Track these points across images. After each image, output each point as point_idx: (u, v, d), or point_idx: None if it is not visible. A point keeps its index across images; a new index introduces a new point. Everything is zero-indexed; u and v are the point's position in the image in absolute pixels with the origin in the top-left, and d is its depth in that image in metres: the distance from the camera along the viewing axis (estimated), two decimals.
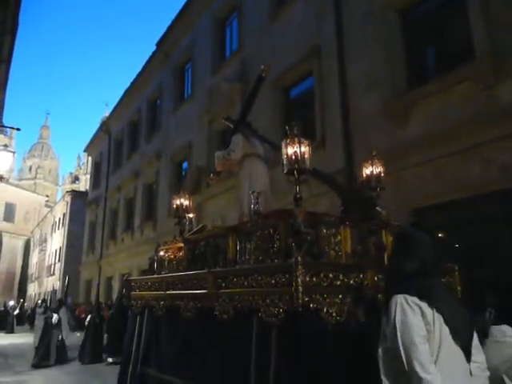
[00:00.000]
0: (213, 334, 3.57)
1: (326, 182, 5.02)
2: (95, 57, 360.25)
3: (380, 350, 1.99)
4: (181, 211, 5.10)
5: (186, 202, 5.17)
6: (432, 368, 1.80)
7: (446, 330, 1.88)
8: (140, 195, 17.94)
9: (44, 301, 17.16)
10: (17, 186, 51.33)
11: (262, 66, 5.36)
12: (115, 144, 22.37)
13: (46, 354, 10.23)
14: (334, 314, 2.79)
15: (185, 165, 14.72)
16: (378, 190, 4.28)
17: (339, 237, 3.41)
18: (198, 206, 11.98)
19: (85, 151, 29.47)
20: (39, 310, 14.29)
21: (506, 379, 2.12)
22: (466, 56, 6.11)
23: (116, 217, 20.94)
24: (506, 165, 5.37)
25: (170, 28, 15.67)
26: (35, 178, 69.25)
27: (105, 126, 23.84)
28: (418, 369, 1.78)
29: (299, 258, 2.80)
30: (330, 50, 8.53)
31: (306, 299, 2.74)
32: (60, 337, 10.88)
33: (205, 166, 12.06)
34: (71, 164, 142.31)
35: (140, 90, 19.06)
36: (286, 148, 3.49)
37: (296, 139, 3.48)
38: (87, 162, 52.50)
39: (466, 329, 1.95)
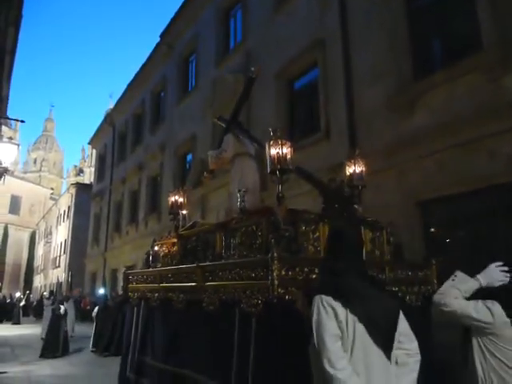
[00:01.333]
0: (201, 324, 3.82)
1: (308, 179, 5.16)
2: (99, 49, 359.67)
3: (310, 346, 2.14)
4: (175, 208, 5.33)
5: (180, 199, 5.44)
6: (340, 364, 1.94)
7: (360, 327, 2.00)
8: (144, 188, 17.98)
9: (52, 293, 17.32)
10: (22, 178, 51.57)
11: (253, 68, 5.68)
12: (119, 136, 22.39)
13: (55, 345, 10.44)
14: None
15: (189, 157, 14.73)
16: (360, 188, 4.51)
17: (318, 233, 3.62)
18: (203, 198, 12.01)
19: (89, 144, 29.49)
20: (47, 302, 14.45)
21: (484, 350, 2.38)
22: (473, 47, 6.02)
23: (120, 209, 21.02)
24: None
25: (173, 20, 15.58)
26: (40, 170, 69.52)
27: (109, 119, 23.85)
28: (326, 365, 1.95)
29: (275, 254, 3.00)
30: (335, 42, 8.45)
31: (282, 291, 2.94)
32: (65, 328, 11.06)
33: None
34: (75, 157, 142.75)
35: (144, 82, 19.02)
36: (270, 149, 3.70)
37: (279, 141, 3.69)
38: (91, 154, 52.59)
39: (386, 324, 2.05)
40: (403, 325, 2.13)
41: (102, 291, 16.34)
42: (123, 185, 20.62)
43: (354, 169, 4.65)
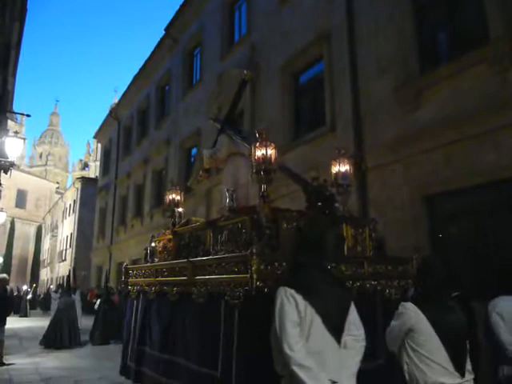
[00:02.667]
0: (192, 315, 4.14)
1: (292, 178, 5.32)
2: (104, 43, 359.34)
3: (271, 332, 2.39)
4: (172, 205, 5.60)
5: (177, 197, 5.70)
6: (297, 347, 2.21)
7: (317, 317, 2.29)
8: (149, 182, 18.03)
9: (59, 286, 17.52)
10: (28, 172, 51.85)
11: (245, 71, 5.93)
12: (124, 130, 22.42)
13: (60, 336, 10.66)
14: None
15: (194, 151, 14.74)
16: (346, 186, 4.72)
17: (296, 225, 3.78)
18: (207, 192, 12.03)
19: (94, 138, 29.56)
20: (54, 295, 14.66)
21: (405, 343, 2.60)
22: (480, 39, 5.95)
23: (126, 203, 21.10)
24: None
25: (178, 13, 15.52)
26: (46, 164, 69.87)
27: (114, 113, 23.86)
28: (285, 347, 2.22)
29: (254, 250, 3.28)
30: (341, 34, 8.39)
31: (260, 285, 3.21)
32: (73, 320, 11.30)
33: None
34: (81, 151, 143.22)
35: (149, 75, 19.00)
36: (255, 151, 3.93)
37: (264, 143, 3.91)
38: (96, 148, 52.76)
39: (338, 315, 2.38)
40: (353, 315, 2.45)
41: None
42: (128, 179, 20.68)
43: (339, 168, 4.83)
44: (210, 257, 4.17)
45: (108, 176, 24.66)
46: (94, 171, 57.96)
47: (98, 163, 38.56)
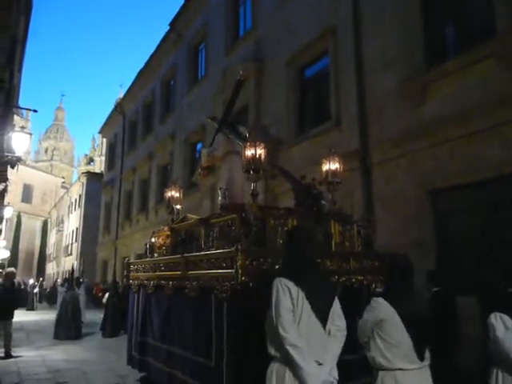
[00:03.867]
0: (186, 308, 4.42)
1: (284, 176, 5.60)
2: (109, 38, 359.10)
3: (267, 318, 2.71)
4: (172, 202, 5.93)
5: (176, 194, 6.03)
6: (290, 329, 2.54)
7: (307, 305, 2.62)
8: (154, 176, 18.08)
9: (65, 280, 17.72)
10: (34, 167, 52.06)
11: (241, 71, 6.18)
12: (129, 125, 22.47)
13: (67, 329, 10.99)
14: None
15: (199, 146, 14.75)
16: (336, 184, 4.92)
17: (286, 227, 4.02)
18: (212, 187, 12.04)
19: (99, 133, 29.69)
20: (61, 289, 14.87)
21: (374, 333, 2.82)
22: (487, 34, 5.91)
23: (131, 198, 21.19)
24: None
25: (182, 8, 15.50)
26: (51, 159, 70.10)
27: (119, 108, 23.91)
28: (280, 330, 2.54)
29: (239, 246, 3.51)
30: (346, 29, 8.35)
31: (246, 279, 3.42)
32: (76, 313, 11.60)
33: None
34: (86, 146, 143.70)
35: (154, 71, 19.01)
36: (245, 151, 4.15)
37: (254, 143, 4.13)
38: (102, 143, 52.90)
39: (324, 304, 2.72)
40: (336, 306, 2.81)
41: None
42: (133, 174, 20.75)
43: (329, 166, 5.01)
44: (201, 253, 4.39)
45: (113, 171, 24.76)
46: (99, 166, 58.15)
47: (103, 158, 38.67)
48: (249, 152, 4.13)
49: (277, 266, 3.47)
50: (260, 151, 4.13)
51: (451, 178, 6.12)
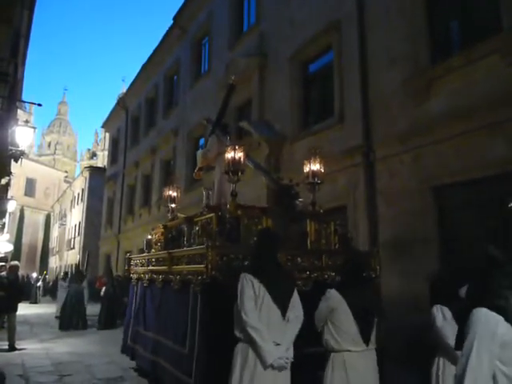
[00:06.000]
0: (171, 300, 4.88)
1: (264, 175, 5.89)
2: (112, 32, 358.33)
3: (234, 306, 3.16)
4: (170, 201, 6.32)
5: (174, 194, 6.45)
6: (251, 315, 3.01)
7: (267, 296, 3.08)
8: (157, 171, 18.09)
9: (66, 274, 17.86)
10: (37, 161, 52.19)
11: (233, 76, 6.59)
12: (132, 120, 22.45)
13: (69, 321, 11.42)
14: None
15: (202, 141, 14.73)
16: (317, 184, 5.17)
17: (259, 226, 4.42)
18: (213, 183, 12.05)
19: (102, 127, 29.65)
20: (62, 283, 15.07)
21: (328, 320, 3.29)
22: (492, 30, 5.87)
23: (133, 193, 21.22)
24: None
25: (186, 2, 15.42)
26: (54, 153, 70.22)
27: (122, 102, 23.89)
28: (243, 315, 3.02)
29: (209, 243, 3.91)
30: (351, 24, 8.30)
31: (215, 274, 3.80)
32: (83, 306, 11.84)
33: None
34: (89, 140, 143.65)
35: (157, 65, 18.96)
36: (226, 154, 4.49)
37: (234, 146, 4.49)
38: (104, 138, 52.91)
39: (283, 296, 3.17)
40: (295, 296, 3.26)
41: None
42: (136, 168, 20.76)
43: (310, 167, 5.21)
44: (181, 249, 4.83)
45: (116, 165, 24.78)
46: (101, 160, 58.20)
47: (106, 153, 38.72)
48: (229, 155, 4.45)
49: (246, 263, 3.83)
50: (239, 154, 4.47)
51: (455, 175, 6.10)
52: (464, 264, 5.75)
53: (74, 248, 33.99)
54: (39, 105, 9.93)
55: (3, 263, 15.42)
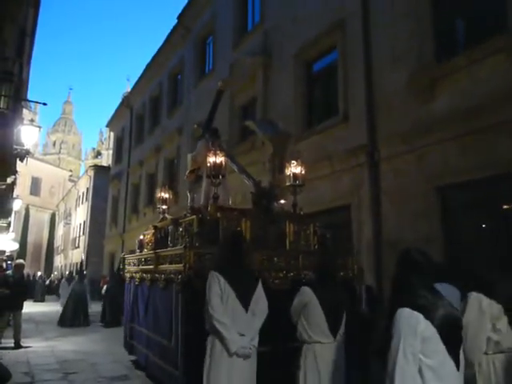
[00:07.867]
0: (158, 297, 5.19)
1: (246, 177, 6.12)
2: (117, 31, 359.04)
3: (205, 301, 3.39)
4: (162, 202, 6.69)
5: (165, 195, 6.93)
6: (217, 309, 3.28)
7: (232, 292, 3.34)
8: (161, 170, 18.12)
9: (70, 274, 18.06)
10: (42, 160, 52.41)
11: (220, 82, 6.85)
12: (137, 119, 22.50)
13: (72, 318, 11.73)
14: None
15: None
16: (298, 186, 5.38)
17: (239, 227, 4.63)
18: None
19: (107, 126, 29.74)
20: (63, 282, 15.28)
21: (301, 314, 3.59)
22: (498, 28, 5.84)
23: (138, 191, 21.26)
24: None
25: (191, 1, 15.43)
26: (59, 152, 70.51)
27: (126, 101, 23.94)
28: (210, 310, 3.30)
29: (187, 244, 4.23)
30: (355, 22, 8.28)
31: (192, 273, 4.08)
32: (86, 303, 12.04)
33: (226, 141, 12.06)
34: (93, 139, 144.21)
35: (161, 64, 18.99)
36: (208, 158, 4.76)
37: (215, 151, 4.75)
38: (109, 137, 53.05)
39: (246, 292, 3.42)
40: (259, 290, 3.52)
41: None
42: (141, 167, 20.81)
43: (291, 170, 5.42)
44: (164, 249, 5.11)
45: (120, 164, 24.85)
46: (106, 160, 58.35)
47: (110, 152, 38.81)
48: (211, 159, 4.67)
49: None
50: (221, 159, 4.70)
51: (460, 174, 6.08)
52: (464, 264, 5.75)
53: (78, 247, 34.12)
54: (44, 104, 9.97)
55: (9, 261, 15.56)
